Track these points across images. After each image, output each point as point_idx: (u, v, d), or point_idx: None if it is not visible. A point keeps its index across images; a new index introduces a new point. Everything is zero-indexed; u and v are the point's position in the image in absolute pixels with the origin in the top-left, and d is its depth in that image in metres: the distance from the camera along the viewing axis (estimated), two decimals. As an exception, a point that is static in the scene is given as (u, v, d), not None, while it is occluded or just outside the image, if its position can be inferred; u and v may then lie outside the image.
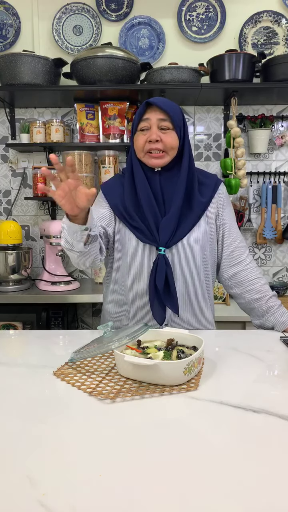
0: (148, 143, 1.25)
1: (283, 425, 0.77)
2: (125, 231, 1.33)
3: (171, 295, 1.27)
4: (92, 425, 0.78)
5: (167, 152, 1.26)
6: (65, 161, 1.00)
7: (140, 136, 1.27)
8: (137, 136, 1.28)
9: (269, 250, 2.68)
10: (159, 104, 1.23)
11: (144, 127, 1.26)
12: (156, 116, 1.24)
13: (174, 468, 0.65)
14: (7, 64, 2.27)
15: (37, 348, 1.23)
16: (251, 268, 1.37)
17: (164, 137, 1.25)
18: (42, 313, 2.24)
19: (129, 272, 1.33)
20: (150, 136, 1.24)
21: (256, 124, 2.51)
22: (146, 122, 1.25)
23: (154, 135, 1.24)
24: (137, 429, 0.76)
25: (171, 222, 1.26)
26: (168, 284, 1.26)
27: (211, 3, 2.48)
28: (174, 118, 1.24)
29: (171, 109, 1.25)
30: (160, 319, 1.29)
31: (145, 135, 1.26)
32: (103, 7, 2.51)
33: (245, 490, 0.60)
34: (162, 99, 1.28)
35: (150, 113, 1.25)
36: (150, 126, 1.25)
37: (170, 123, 1.25)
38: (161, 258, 1.26)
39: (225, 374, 1.01)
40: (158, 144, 1.24)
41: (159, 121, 1.24)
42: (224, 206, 1.38)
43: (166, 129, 1.25)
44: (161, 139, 1.24)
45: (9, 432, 0.75)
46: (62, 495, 0.59)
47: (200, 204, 1.32)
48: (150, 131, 1.25)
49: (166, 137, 1.25)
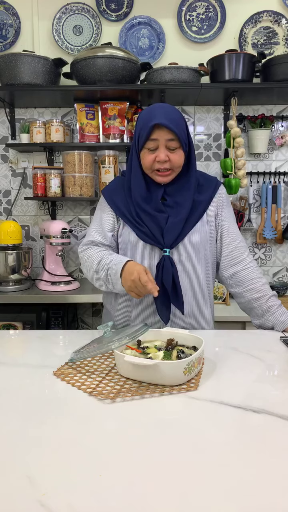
0: (156, 162, 1.27)
1: (283, 425, 0.77)
2: (128, 233, 1.34)
3: (177, 295, 1.29)
4: (92, 425, 0.78)
5: (173, 169, 1.29)
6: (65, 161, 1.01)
7: (148, 155, 1.27)
8: (144, 154, 1.29)
9: (269, 250, 2.68)
10: (167, 125, 1.23)
11: (151, 148, 1.27)
12: (164, 137, 1.24)
13: (174, 468, 0.65)
14: (7, 64, 2.27)
15: (37, 348, 1.23)
16: (251, 268, 1.37)
17: (172, 156, 1.26)
18: (42, 313, 2.24)
19: None
20: (159, 156, 1.25)
21: (256, 124, 2.51)
22: (154, 142, 1.26)
23: (163, 155, 1.25)
24: (137, 429, 0.76)
25: (177, 226, 1.29)
26: (175, 284, 1.28)
27: (211, 3, 2.48)
28: (181, 137, 1.25)
29: (178, 128, 1.25)
30: (166, 318, 1.30)
31: (153, 154, 1.27)
32: (103, 7, 2.51)
33: (245, 489, 0.60)
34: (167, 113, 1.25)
35: (158, 133, 1.24)
36: (158, 146, 1.26)
37: (177, 142, 1.26)
38: (166, 260, 1.28)
39: (225, 374, 1.01)
40: (166, 164, 1.27)
41: (167, 141, 1.25)
42: (223, 207, 1.39)
43: (174, 149, 1.26)
44: (169, 159, 1.26)
45: (9, 432, 0.75)
46: (62, 495, 0.58)
47: (201, 204, 1.34)
48: (158, 151, 1.26)
49: (173, 156, 1.26)
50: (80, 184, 2.43)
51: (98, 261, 1.30)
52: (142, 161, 1.30)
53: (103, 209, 1.40)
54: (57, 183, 2.47)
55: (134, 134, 1.32)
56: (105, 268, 1.28)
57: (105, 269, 1.28)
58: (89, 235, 1.40)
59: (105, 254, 1.32)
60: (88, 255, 1.36)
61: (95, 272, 1.31)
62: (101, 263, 1.29)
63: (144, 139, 1.26)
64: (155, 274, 1.29)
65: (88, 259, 1.35)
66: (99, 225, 1.39)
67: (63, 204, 2.70)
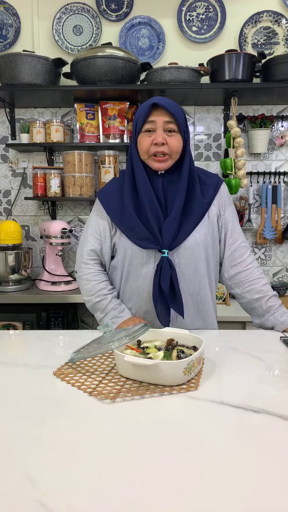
0: (153, 145, 1.24)
1: (283, 425, 0.77)
2: (126, 238, 1.32)
3: (176, 298, 1.27)
4: (92, 425, 0.78)
5: (171, 155, 1.26)
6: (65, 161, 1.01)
7: (145, 138, 1.25)
8: (142, 138, 1.26)
9: (269, 250, 2.68)
10: (165, 106, 1.21)
11: (149, 129, 1.24)
12: (162, 118, 1.22)
13: (174, 467, 0.65)
14: (7, 64, 2.27)
15: (37, 348, 1.23)
16: (252, 269, 1.37)
17: (169, 140, 1.24)
18: (42, 313, 2.24)
19: (131, 275, 1.33)
20: (156, 139, 1.23)
21: (256, 124, 2.51)
22: (152, 124, 1.23)
23: (160, 138, 1.22)
24: (137, 429, 0.76)
25: (173, 224, 1.26)
26: (173, 286, 1.26)
27: (211, 3, 2.48)
28: (179, 120, 1.23)
29: (177, 111, 1.23)
30: (165, 321, 1.29)
31: (150, 137, 1.24)
32: (103, 7, 2.51)
33: (245, 489, 0.60)
34: (167, 100, 1.26)
35: (156, 115, 1.23)
36: (155, 128, 1.24)
37: (175, 125, 1.23)
38: (165, 261, 1.26)
39: (225, 374, 1.01)
40: (163, 147, 1.24)
41: (165, 123, 1.23)
42: (225, 206, 1.37)
43: (172, 132, 1.24)
44: (167, 142, 1.23)
45: (9, 432, 0.75)
46: (62, 495, 0.58)
47: (201, 205, 1.32)
48: (155, 133, 1.23)
49: (171, 140, 1.24)
50: (80, 184, 2.43)
51: (98, 299, 1.35)
52: (139, 145, 1.27)
53: (99, 213, 1.38)
54: (57, 183, 2.47)
55: (133, 124, 1.30)
56: (104, 312, 1.34)
57: (103, 313, 1.34)
58: (87, 242, 1.38)
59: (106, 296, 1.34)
60: (87, 276, 1.37)
61: (92, 305, 1.37)
62: (100, 304, 1.34)
63: (142, 121, 1.24)
64: (154, 276, 1.28)
65: (88, 282, 1.37)
66: (96, 231, 1.37)
67: (63, 204, 2.70)
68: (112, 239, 1.36)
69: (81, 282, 1.39)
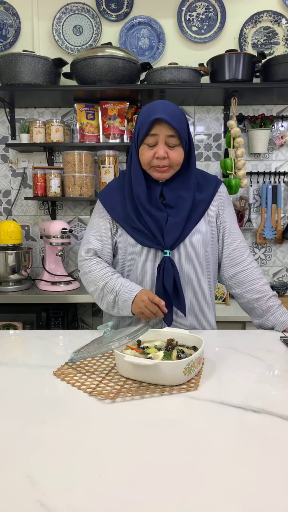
0: (155, 159, 1.25)
1: (283, 425, 0.77)
2: (127, 237, 1.33)
3: (179, 297, 1.28)
4: (92, 425, 0.78)
5: (172, 167, 1.27)
6: (65, 161, 1.01)
7: (147, 151, 1.26)
8: (143, 149, 1.27)
9: (269, 250, 2.68)
10: (168, 120, 1.21)
11: (151, 143, 1.25)
12: (164, 133, 1.23)
13: (174, 467, 0.65)
14: (7, 64, 2.27)
15: (37, 348, 1.23)
16: (251, 269, 1.37)
17: (171, 153, 1.25)
18: (42, 313, 2.24)
19: (133, 275, 1.33)
20: (158, 153, 1.23)
21: (256, 124, 2.51)
22: (154, 137, 1.24)
23: (162, 152, 1.23)
24: (137, 429, 0.76)
25: (178, 227, 1.27)
26: (176, 285, 1.27)
27: (211, 3, 2.48)
28: (181, 134, 1.24)
29: (179, 124, 1.23)
30: (169, 321, 1.29)
31: (152, 150, 1.25)
32: (103, 7, 2.51)
33: (245, 489, 0.60)
34: (169, 109, 1.24)
35: (158, 129, 1.23)
36: (157, 141, 1.24)
37: (177, 139, 1.24)
38: (167, 261, 1.26)
39: (225, 374, 1.01)
40: (164, 161, 1.25)
41: (167, 138, 1.23)
42: (224, 206, 1.38)
43: (173, 146, 1.25)
44: (168, 156, 1.24)
45: (9, 432, 0.75)
46: (62, 495, 0.58)
47: (201, 204, 1.33)
48: (157, 147, 1.24)
49: (172, 153, 1.25)
50: (80, 184, 2.43)
51: (104, 282, 1.30)
52: (140, 157, 1.28)
53: (100, 214, 1.38)
54: (57, 183, 2.47)
55: (134, 130, 1.30)
56: (114, 292, 1.28)
57: (114, 293, 1.28)
58: (88, 242, 1.39)
59: (112, 276, 1.31)
60: (90, 268, 1.35)
61: (100, 292, 1.31)
62: (108, 285, 1.29)
63: (144, 134, 1.24)
64: (156, 276, 1.29)
65: (90, 273, 1.34)
66: (98, 231, 1.38)
67: (63, 204, 2.70)
68: (114, 238, 1.37)
69: (85, 277, 1.37)
